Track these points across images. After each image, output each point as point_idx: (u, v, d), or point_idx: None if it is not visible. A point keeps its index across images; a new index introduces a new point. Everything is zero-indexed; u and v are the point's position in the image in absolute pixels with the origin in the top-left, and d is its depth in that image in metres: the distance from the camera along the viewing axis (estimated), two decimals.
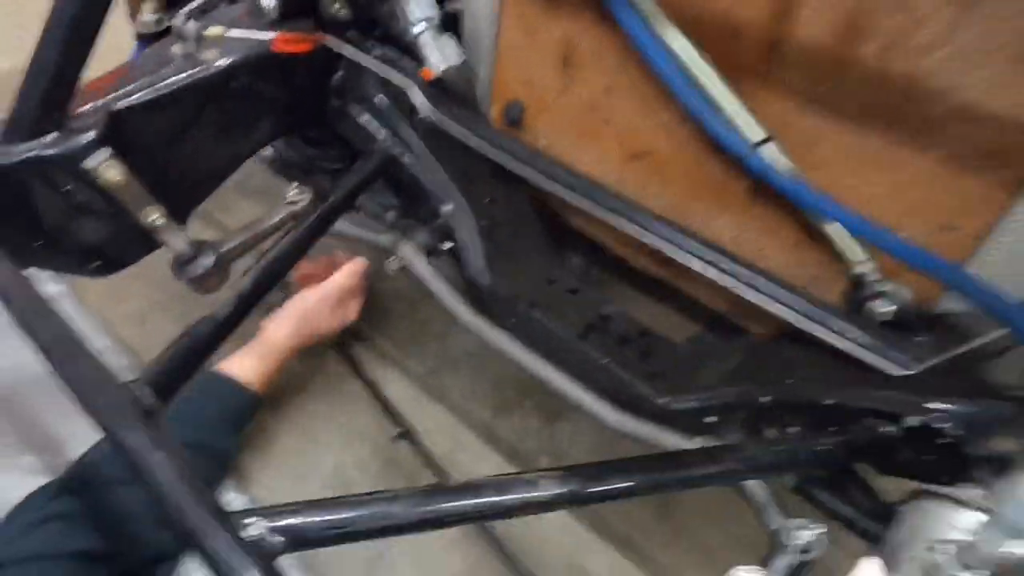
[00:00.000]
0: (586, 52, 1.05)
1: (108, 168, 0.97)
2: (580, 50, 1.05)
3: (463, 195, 1.18)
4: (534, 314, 1.11)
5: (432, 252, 1.20)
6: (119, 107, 1.01)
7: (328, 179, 1.35)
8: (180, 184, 1.10)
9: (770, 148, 0.88)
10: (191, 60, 1.08)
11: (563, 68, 1.09)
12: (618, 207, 1.06)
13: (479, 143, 1.14)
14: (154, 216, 1.04)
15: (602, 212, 1.06)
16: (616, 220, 1.05)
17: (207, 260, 1.12)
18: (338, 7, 1.15)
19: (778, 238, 0.98)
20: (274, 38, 1.11)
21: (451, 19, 1.16)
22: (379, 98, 1.19)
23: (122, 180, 0.99)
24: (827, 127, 0.86)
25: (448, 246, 1.19)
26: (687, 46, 0.90)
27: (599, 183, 1.09)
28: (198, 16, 1.12)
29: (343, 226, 1.27)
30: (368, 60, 1.17)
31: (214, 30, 1.10)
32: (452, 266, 1.20)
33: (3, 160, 0.95)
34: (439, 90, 1.18)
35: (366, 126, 1.20)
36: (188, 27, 1.08)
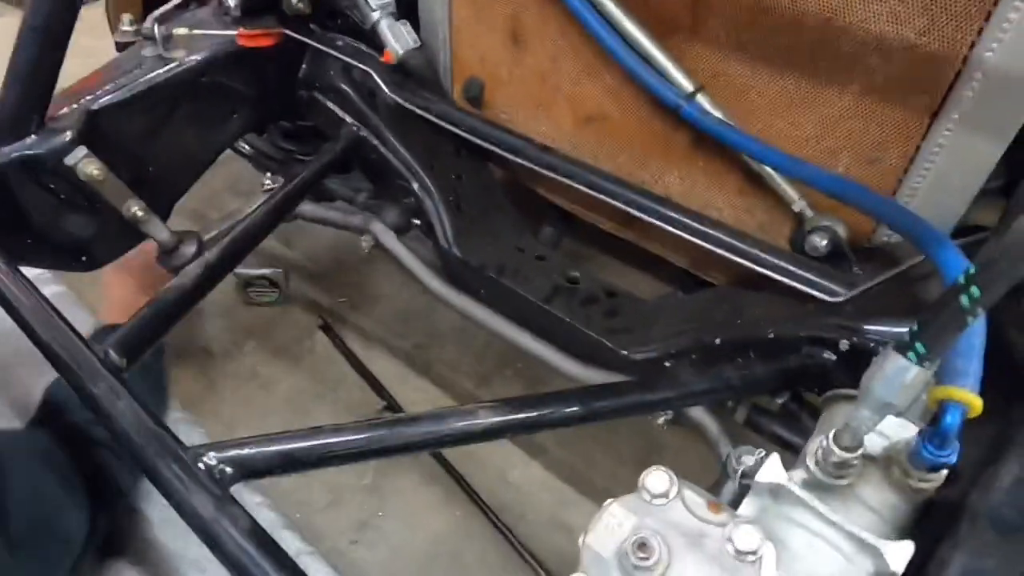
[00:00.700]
0: (531, 25, 1.09)
1: (87, 165, 1.03)
2: (526, 24, 1.10)
3: (429, 172, 1.23)
4: (502, 281, 1.15)
5: (403, 229, 1.25)
6: (95, 108, 1.07)
7: (302, 168, 1.41)
8: (158, 178, 1.16)
9: (702, 99, 0.92)
10: (160, 60, 1.14)
11: (513, 43, 1.14)
12: (574, 172, 1.10)
13: (441, 121, 1.19)
14: (135, 209, 1.10)
15: (561, 177, 1.11)
16: (575, 184, 1.10)
17: (189, 249, 1.18)
18: (297, 2, 1.21)
19: (724, 187, 1.02)
20: (237, 34, 1.16)
21: (409, 5, 1.22)
22: (343, 85, 1.25)
23: (101, 176, 1.05)
24: (754, 74, 0.89)
25: (418, 222, 1.24)
26: (617, 9, 0.94)
27: (556, 150, 1.13)
28: (166, 20, 1.17)
29: (316, 210, 1.32)
30: (330, 49, 1.23)
31: (180, 31, 1.16)
32: (424, 242, 1.25)
33: None
34: (400, 74, 1.23)
35: (333, 112, 1.26)
36: (156, 30, 1.14)
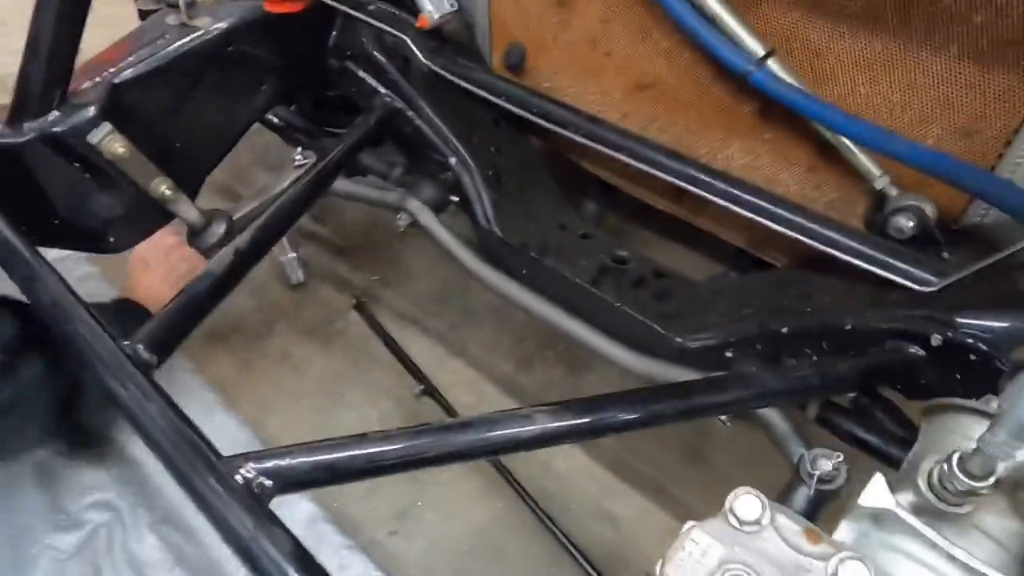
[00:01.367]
0: None
1: (111, 142, 0.99)
2: None
3: (467, 146, 1.15)
4: (545, 261, 1.08)
5: (440, 206, 1.19)
6: (118, 81, 1.02)
7: (334, 142, 1.34)
8: (185, 154, 1.10)
9: (774, 64, 0.83)
10: (185, 29, 1.08)
11: (559, 4, 1.05)
12: (625, 143, 1.02)
13: (480, 90, 1.11)
14: (163, 187, 1.06)
15: (611, 151, 1.03)
16: (624, 157, 1.01)
17: (219, 228, 1.13)
18: None
19: (792, 161, 0.93)
20: None
21: None
22: (376, 52, 1.17)
23: (126, 153, 1.00)
24: (832, 34, 0.80)
25: (456, 198, 1.17)
26: None
27: (605, 121, 1.05)
28: None
29: (350, 186, 1.26)
30: (362, 15, 1.15)
31: None
32: (462, 219, 1.19)
33: (12, 140, 0.97)
34: (436, 40, 1.15)
35: (365, 82, 1.19)
36: None
